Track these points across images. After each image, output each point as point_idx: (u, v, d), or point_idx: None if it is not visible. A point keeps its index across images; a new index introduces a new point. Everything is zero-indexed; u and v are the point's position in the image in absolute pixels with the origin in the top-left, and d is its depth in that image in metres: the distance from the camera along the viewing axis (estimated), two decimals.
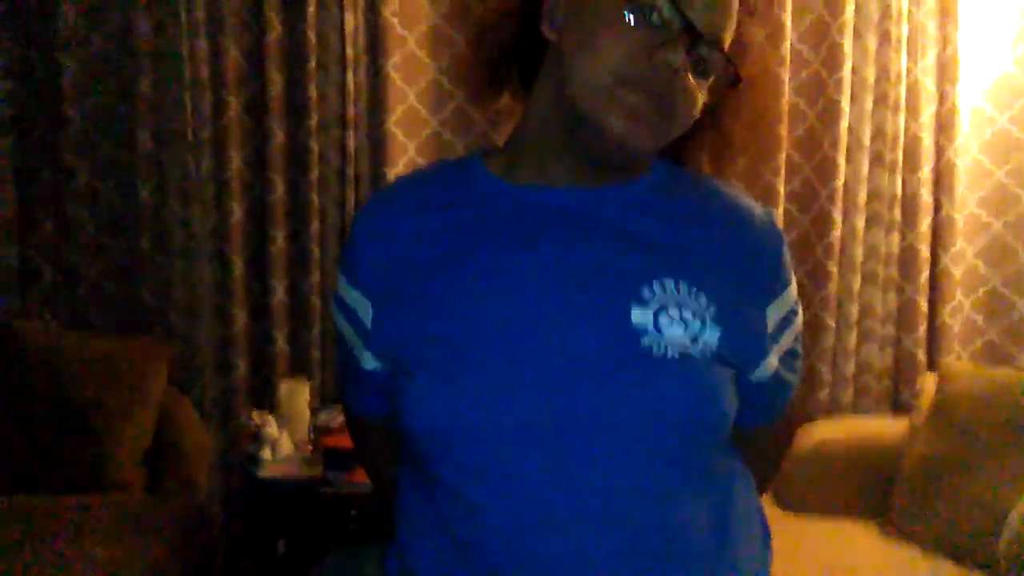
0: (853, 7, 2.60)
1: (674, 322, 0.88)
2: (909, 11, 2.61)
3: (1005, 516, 1.99)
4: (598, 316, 0.88)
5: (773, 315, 0.96)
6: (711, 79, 0.88)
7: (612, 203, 0.93)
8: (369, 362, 0.98)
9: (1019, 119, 2.64)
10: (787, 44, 2.65)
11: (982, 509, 2.14)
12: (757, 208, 0.99)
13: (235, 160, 2.80)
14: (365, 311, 0.97)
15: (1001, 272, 2.72)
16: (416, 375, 0.91)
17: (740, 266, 0.94)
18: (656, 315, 0.88)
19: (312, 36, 2.72)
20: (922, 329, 2.71)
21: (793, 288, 0.99)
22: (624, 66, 0.84)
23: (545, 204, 0.93)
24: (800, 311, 1.01)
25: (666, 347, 0.87)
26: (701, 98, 0.88)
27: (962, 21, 2.59)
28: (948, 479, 2.25)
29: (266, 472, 2.45)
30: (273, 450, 2.52)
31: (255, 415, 2.55)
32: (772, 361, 0.97)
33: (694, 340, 0.88)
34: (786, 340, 0.99)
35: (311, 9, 2.71)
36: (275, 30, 2.73)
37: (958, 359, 2.72)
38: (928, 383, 2.50)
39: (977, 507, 2.16)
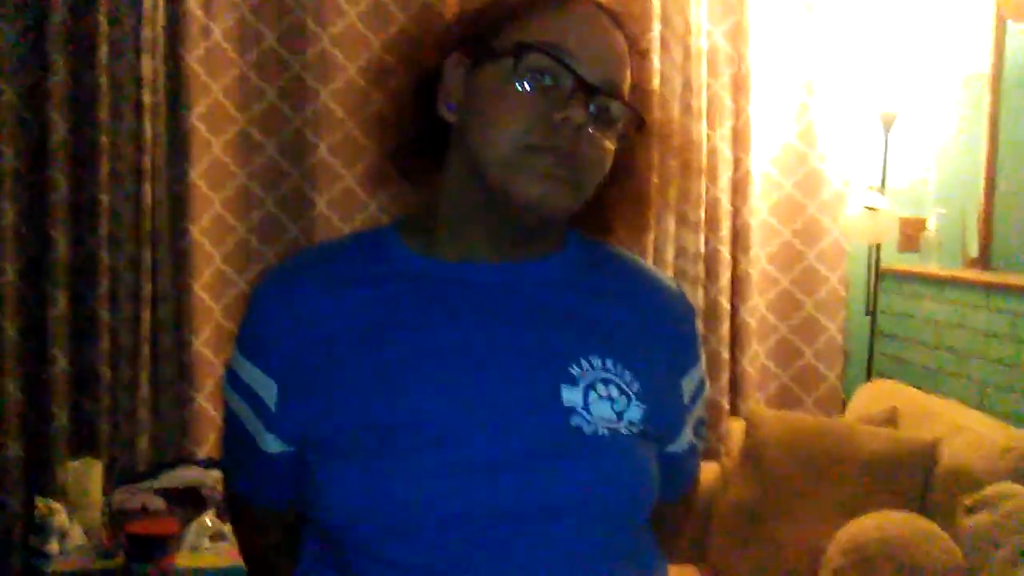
0: (658, 79, 2.76)
1: (602, 400, 0.87)
2: (708, 84, 2.81)
3: (819, 555, 2.13)
4: (528, 396, 0.85)
5: (688, 387, 0.97)
6: (619, 128, 0.88)
7: (534, 279, 0.92)
8: (272, 445, 0.89)
9: (802, 184, 2.91)
10: None
11: (797, 549, 2.28)
12: (670, 282, 1.00)
13: (9, 213, 2.49)
14: (268, 392, 0.89)
15: (788, 323, 2.96)
16: (333, 462, 0.83)
17: (659, 341, 0.94)
18: (585, 393, 0.86)
19: (104, 80, 2.49)
20: (725, 377, 2.88)
21: (703, 358, 1.01)
22: (527, 133, 0.84)
23: (466, 280, 0.90)
24: (707, 379, 1.03)
25: (596, 425, 0.85)
26: (610, 148, 0.88)
27: (753, 95, 2.82)
28: (763, 522, 2.37)
29: (55, 567, 2.15)
30: (61, 542, 2.22)
31: (40, 503, 2.23)
32: (688, 432, 0.98)
33: (620, 417, 0.87)
34: (698, 410, 1.00)
35: (102, 52, 2.48)
36: (59, 72, 2.47)
37: (756, 404, 2.91)
38: (736, 429, 2.64)
39: (792, 547, 2.29)
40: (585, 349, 0.88)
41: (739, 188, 2.86)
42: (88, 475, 2.36)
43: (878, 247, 2.88)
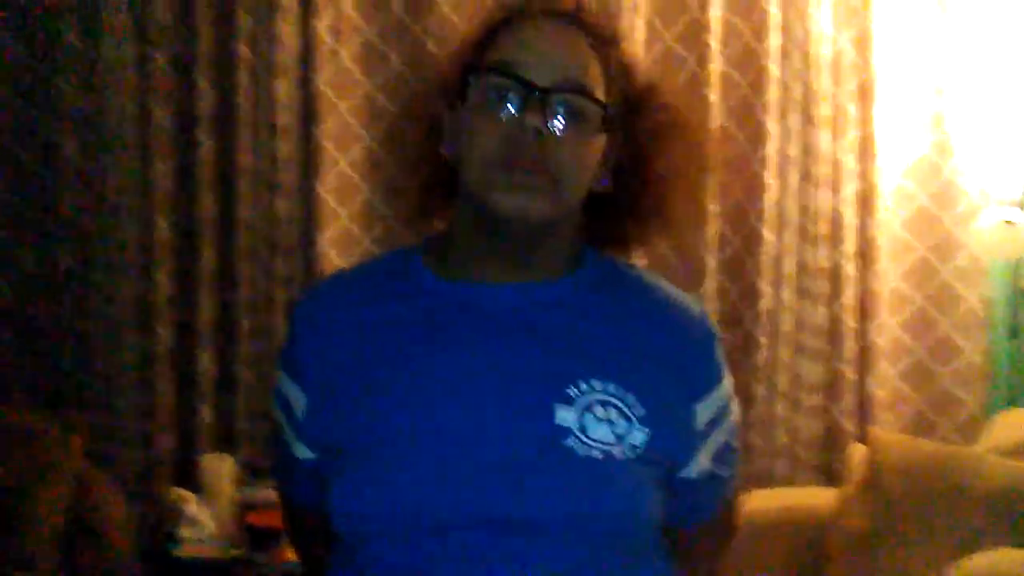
0: (779, 88, 2.67)
1: (600, 422, 0.89)
2: (832, 93, 2.69)
3: None
4: (523, 416, 0.89)
5: (703, 413, 0.96)
6: (594, 123, 0.90)
7: (542, 300, 0.95)
8: (301, 452, 0.99)
9: (938, 197, 2.73)
10: (716, 123, 2.71)
11: None
12: (689, 304, 1.00)
13: (162, 227, 2.74)
14: (298, 403, 0.98)
15: (924, 344, 2.79)
16: (345, 469, 0.91)
17: (668, 364, 0.95)
18: (581, 415, 0.88)
19: (243, 102, 2.71)
20: (849, 399, 2.75)
21: (725, 384, 0.99)
22: (490, 149, 0.88)
23: (475, 302, 0.95)
24: (735, 407, 1.01)
25: (590, 447, 0.87)
26: (584, 144, 0.90)
27: (881, 103, 2.68)
28: (881, 552, 2.25)
29: (185, 552, 2.36)
30: (194, 528, 2.42)
31: (174, 492, 2.45)
32: (702, 460, 0.97)
33: (619, 440, 0.89)
34: (718, 437, 0.99)
35: (243, 77, 2.70)
36: (206, 98, 2.71)
37: (882, 428, 2.75)
38: (857, 454, 2.52)
39: None
40: (586, 371, 0.91)
41: (865, 201, 2.72)
42: (221, 469, 2.56)
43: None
